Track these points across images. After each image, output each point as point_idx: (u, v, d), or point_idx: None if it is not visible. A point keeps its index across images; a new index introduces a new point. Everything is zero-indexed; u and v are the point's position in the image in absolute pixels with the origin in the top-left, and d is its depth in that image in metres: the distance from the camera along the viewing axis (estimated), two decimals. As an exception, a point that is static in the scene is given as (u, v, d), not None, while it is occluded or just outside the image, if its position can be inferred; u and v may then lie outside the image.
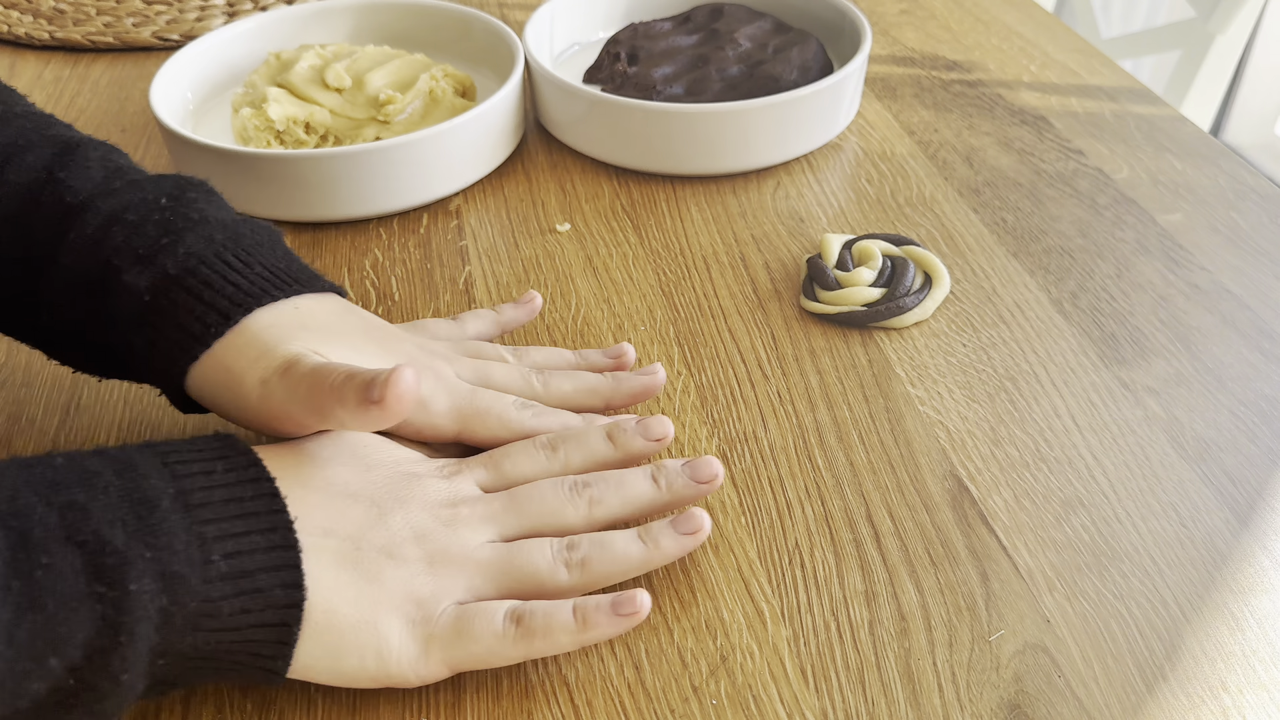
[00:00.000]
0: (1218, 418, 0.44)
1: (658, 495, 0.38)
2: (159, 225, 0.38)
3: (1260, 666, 0.35)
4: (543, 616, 0.34)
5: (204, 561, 0.30)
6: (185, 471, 0.31)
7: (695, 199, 0.59)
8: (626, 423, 0.40)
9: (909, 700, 0.34)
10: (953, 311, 0.50)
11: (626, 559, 0.36)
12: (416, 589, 0.34)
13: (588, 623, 0.34)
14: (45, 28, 0.78)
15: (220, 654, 0.31)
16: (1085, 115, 0.65)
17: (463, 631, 0.34)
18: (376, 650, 0.33)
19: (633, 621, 0.34)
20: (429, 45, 0.70)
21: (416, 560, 0.35)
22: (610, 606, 0.34)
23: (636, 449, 0.40)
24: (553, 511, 0.37)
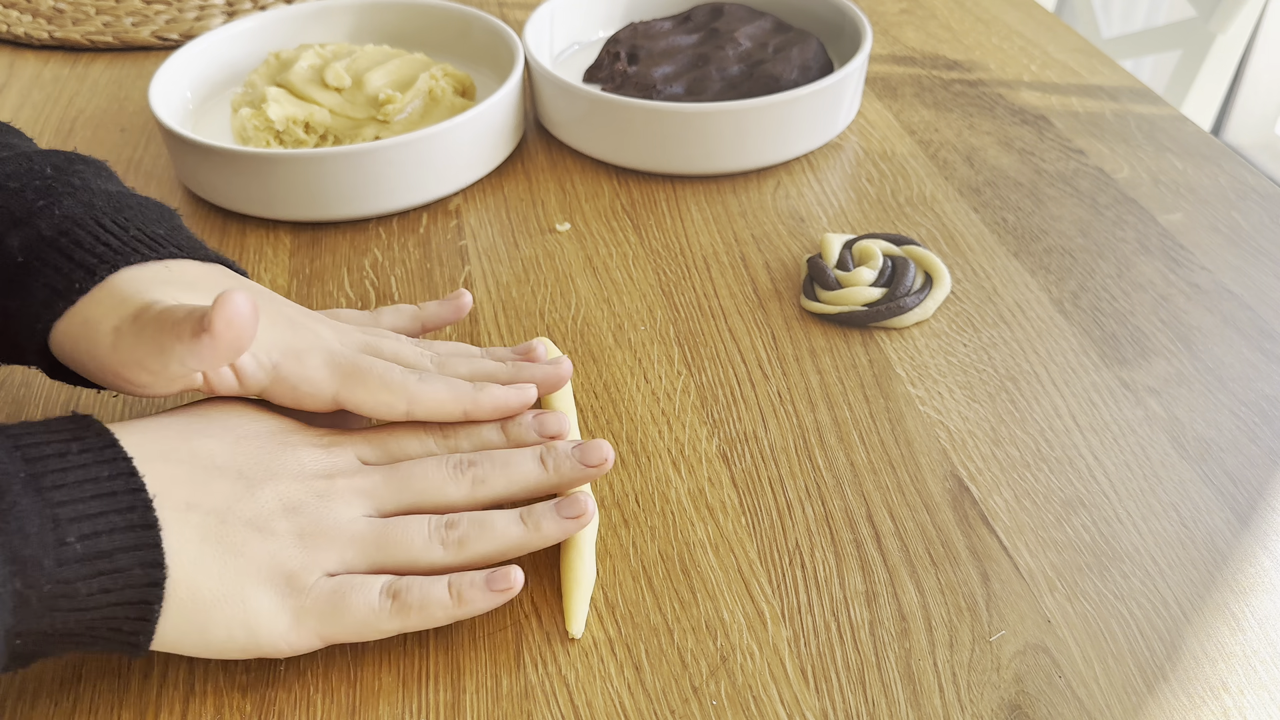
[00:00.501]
0: (1218, 418, 0.44)
1: (544, 477, 0.38)
2: (38, 190, 0.37)
3: (1261, 667, 0.35)
4: (419, 592, 0.34)
5: (58, 544, 0.30)
6: (37, 454, 0.31)
7: (695, 199, 0.59)
8: (523, 418, 0.40)
9: (909, 700, 0.34)
10: (953, 311, 0.50)
11: (505, 539, 0.36)
12: (285, 561, 0.34)
13: (463, 598, 0.34)
14: (45, 27, 0.78)
15: (80, 631, 0.31)
16: (1086, 115, 0.65)
17: (338, 605, 0.34)
18: (244, 623, 0.33)
19: (505, 596, 0.35)
20: (429, 45, 0.70)
21: (286, 534, 0.34)
22: (485, 582, 0.35)
23: (529, 441, 0.39)
24: (435, 488, 0.37)
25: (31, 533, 0.29)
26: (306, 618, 0.34)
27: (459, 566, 0.36)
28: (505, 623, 0.37)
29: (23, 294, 0.36)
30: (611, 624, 0.37)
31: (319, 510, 0.35)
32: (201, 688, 0.35)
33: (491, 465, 0.38)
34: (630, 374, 0.47)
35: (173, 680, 0.36)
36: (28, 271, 0.36)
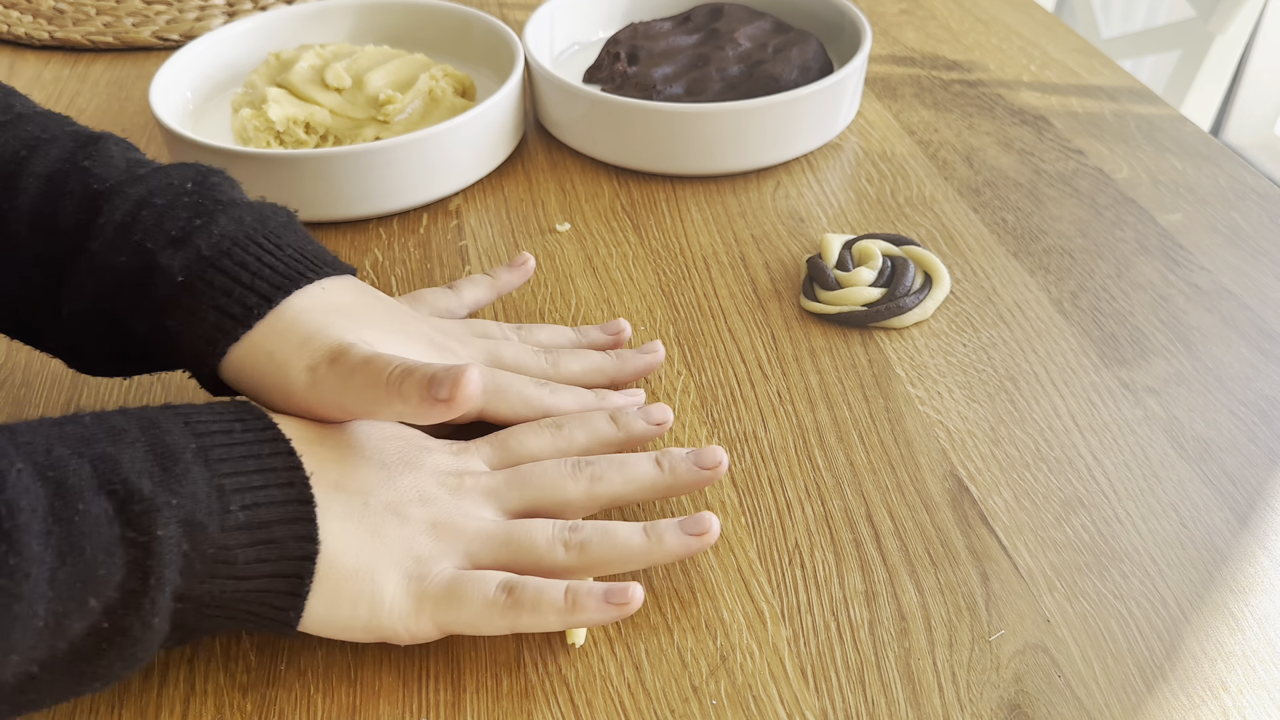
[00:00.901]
0: (1218, 418, 0.44)
1: (660, 477, 0.39)
2: (189, 208, 0.38)
3: (1260, 666, 0.35)
4: (534, 591, 0.34)
5: (223, 510, 0.31)
6: (205, 430, 0.33)
7: (695, 199, 0.59)
8: (630, 407, 0.43)
9: (909, 700, 0.34)
10: (953, 311, 0.50)
11: (627, 548, 0.37)
12: (417, 547, 0.35)
13: (577, 605, 0.34)
14: (45, 28, 0.78)
15: (235, 602, 0.32)
16: (1085, 115, 0.65)
17: (455, 593, 0.34)
18: (370, 600, 0.34)
19: (622, 612, 0.35)
20: (429, 45, 0.70)
21: (420, 520, 0.36)
22: (603, 594, 0.35)
23: (638, 430, 0.41)
24: (554, 485, 0.38)
25: (201, 499, 0.31)
26: (426, 603, 0.34)
27: (580, 570, 0.36)
28: (505, 622, 0.37)
29: (188, 315, 0.37)
30: (611, 624, 0.37)
31: (450, 504, 0.37)
32: (202, 687, 0.35)
33: (609, 464, 0.39)
34: (630, 374, 0.47)
35: (173, 680, 0.36)
36: (191, 292, 0.37)
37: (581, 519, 0.38)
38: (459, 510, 0.37)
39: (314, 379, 0.36)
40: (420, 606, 0.34)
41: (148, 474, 0.30)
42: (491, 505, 0.38)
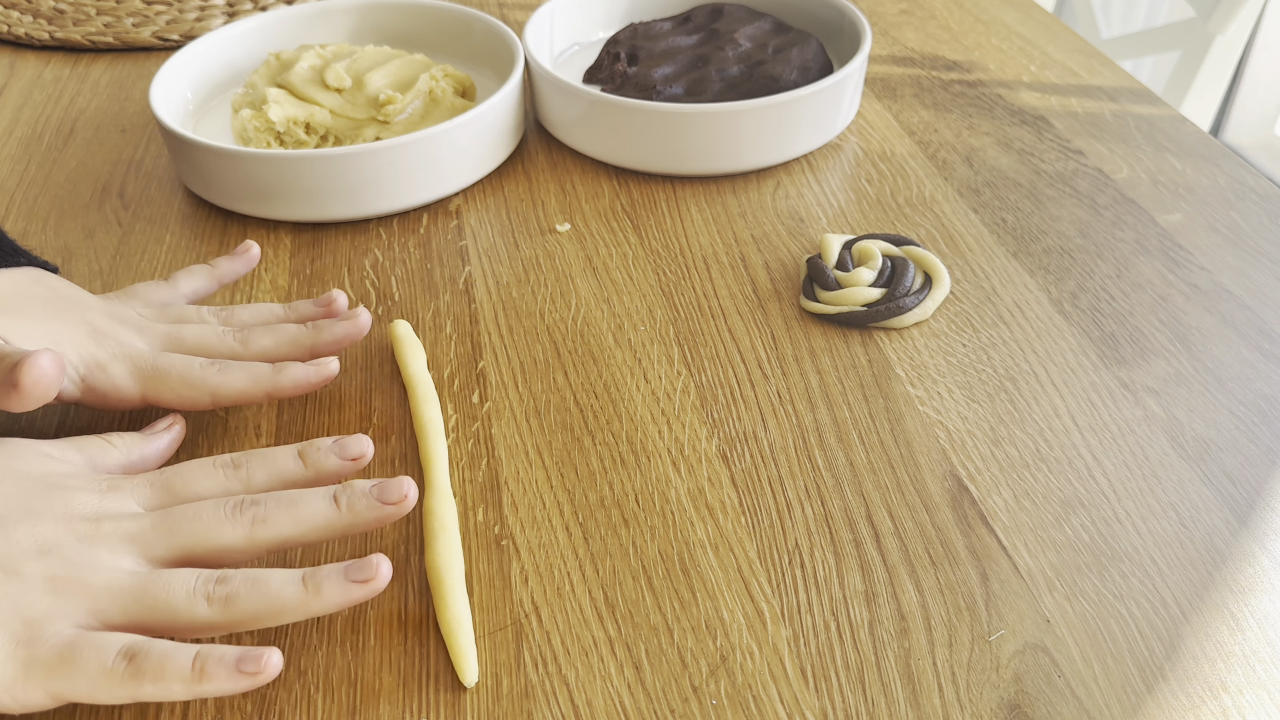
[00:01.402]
0: (1217, 418, 0.44)
1: (336, 517, 0.35)
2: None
3: (1260, 666, 0.35)
4: (158, 658, 0.31)
5: None
6: None
7: (695, 199, 0.59)
8: (321, 441, 0.38)
9: (909, 700, 0.34)
10: (953, 311, 0.50)
11: (279, 600, 0.33)
12: (28, 607, 0.31)
13: (205, 673, 0.31)
14: (45, 28, 0.78)
15: None
16: (1085, 115, 0.65)
17: (68, 660, 0.31)
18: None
19: (255, 681, 0.31)
20: (429, 45, 0.70)
21: (35, 577, 0.32)
22: (235, 661, 0.31)
23: (329, 468, 0.37)
24: (208, 530, 0.34)
25: None
26: (35, 670, 0.31)
27: (226, 626, 0.33)
28: (505, 622, 0.37)
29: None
30: (611, 624, 0.37)
31: (78, 555, 0.33)
32: (202, 687, 0.35)
33: (276, 504, 0.35)
34: (630, 374, 0.47)
35: (173, 680, 0.36)
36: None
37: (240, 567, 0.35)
38: (86, 562, 0.33)
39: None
40: (28, 674, 0.31)
41: None
42: (132, 553, 0.33)
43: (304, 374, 0.41)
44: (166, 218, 0.59)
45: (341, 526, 0.36)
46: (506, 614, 0.37)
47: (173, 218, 0.59)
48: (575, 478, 0.42)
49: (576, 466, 0.43)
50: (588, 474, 0.43)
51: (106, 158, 0.64)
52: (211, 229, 0.58)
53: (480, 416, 0.45)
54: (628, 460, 0.43)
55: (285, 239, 0.57)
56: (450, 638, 0.36)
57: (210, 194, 0.58)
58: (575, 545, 0.40)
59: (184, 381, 0.40)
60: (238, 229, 0.57)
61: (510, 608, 0.38)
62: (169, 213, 0.59)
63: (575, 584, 0.38)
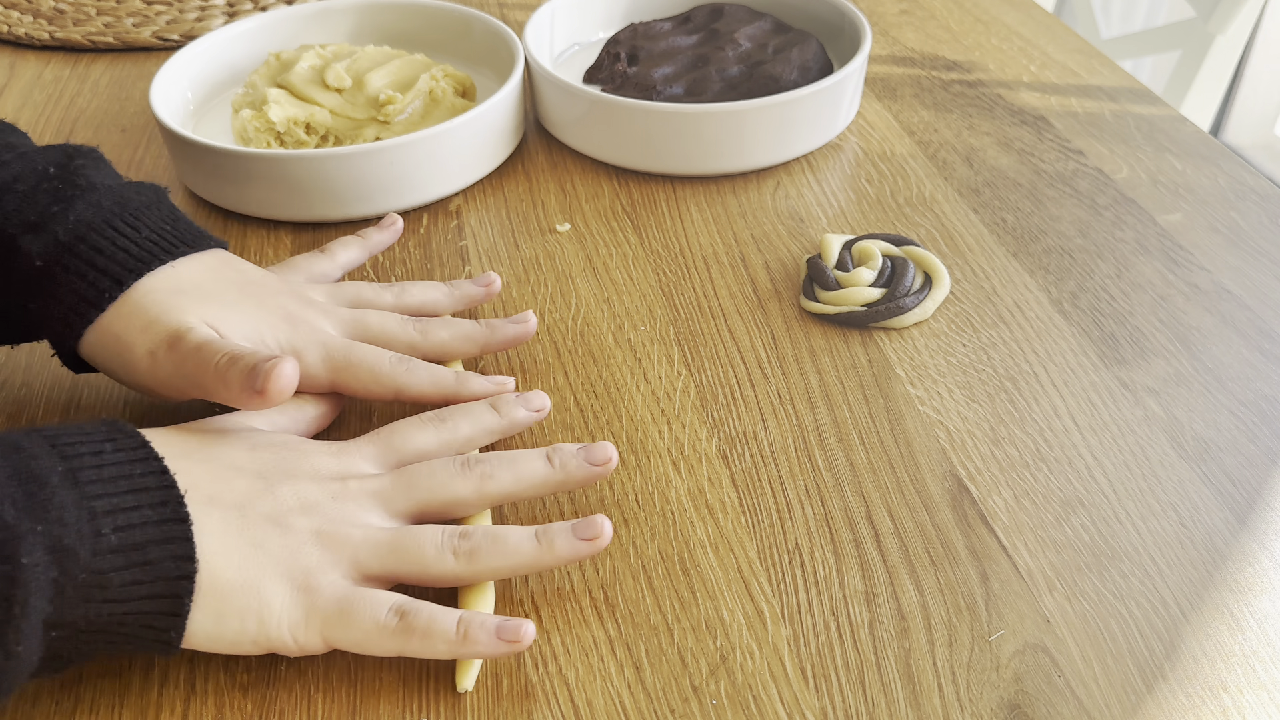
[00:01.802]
0: (1217, 418, 0.44)
1: (550, 474, 0.39)
2: (48, 193, 0.39)
3: (1260, 666, 0.35)
4: (426, 618, 0.34)
5: (94, 535, 0.30)
6: (73, 452, 0.32)
7: (695, 199, 0.59)
8: (509, 396, 0.42)
9: (909, 700, 0.34)
10: (953, 311, 0.50)
11: (517, 554, 0.36)
12: (303, 558, 0.34)
13: (468, 638, 0.34)
14: (45, 28, 0.78)
15: (113, 626, 0.32)
16: (1085, 115, 0.65)
17: (346, 612, 0.34)
18: (258, 614, 0.33)
19: (514, 649, 0.34)
20: (429, 45, 0.70)
21: (304, 530, 0.35)
22: (495, 628, 0.34)
23: (520, 418, 0.41)
24: (442, 485, 0.37)
25: (70, 523, 0.30)
26: (315, 618, 0.34)
27: (470, 578, 0.36)
28: (505, 622, 0.37)
29: (47, 298, 0.39)
30: (611, 623, 0.37)
31: (335, 511, 0.36)
32: (203, 687, 0.35)
33: (499, 463, 0.38)
34: (630, 374, 0.47)
35: (174, 680, 0.36)
36: (49, 277, 0.38)
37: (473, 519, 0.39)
38: (344, 517, 0.36)
39: (154, 363, 0.37)
40: (310, 620, 0.34)
41: (10, 500, 0.29)
42: (379, 509, 0.37)
43: (482, 386, 0.43)
44: (166, 218, 0.59)
45: (555, 483, 0.39)
46: (506, 614, 0.37)
47: (173, 218, 0.59)
48: (575, 478, 0.42)
49: (576, 466, 0.43)
50: (588, 474, 0.43)
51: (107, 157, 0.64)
52: (211, 228, 0.58)
53: (480, 416, 0.45)
54: (628, 460, 0.43)
55: (285, 239, 0.57)
56: None
57: (210, 194, 0.58)
58: (575, 545, 0.40)
59: (373, 377, 0.42)
60: (238, 229, 0.57)
61: (510, 608, 0.38)
62: (169, 213, 0.59)
63: (575, 584, 0.38)
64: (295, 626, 0.34)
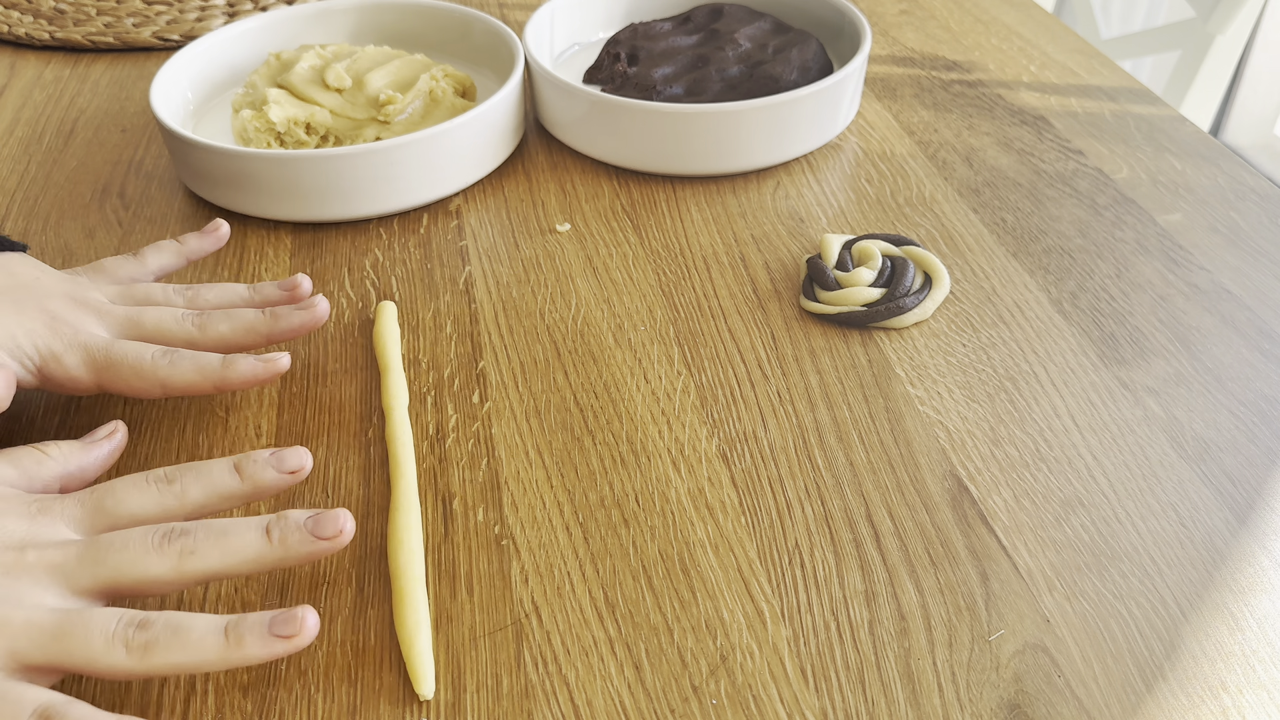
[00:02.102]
0: (1217, 418, 0.44)
1: (267, 551, 0.34)
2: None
3: (1260, 666, 0.35)
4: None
5: None
6: None
7: (695, 199, 0.59)
8: (259, 455, 0.37)
9: (909, 700, 0.34)
10: (952, 311, 0.50)
11: (199, 651, 0.31)
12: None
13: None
14: (45, 28, 0.78)
15: None
16: (1085, 115, 0.65)
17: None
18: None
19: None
20: (429, 45, 0.70)
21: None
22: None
23: (267, 481, 0.36)
24: (133, 562, 0.33)
25: None
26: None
27: (145, 675, 0.32)
28: (505, 622, 0.37)
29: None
30: (611, 623, 0.37)
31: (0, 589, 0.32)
32: (203, 687, 0.35)
33: (206, 535, 0.34)
34: (630, 374, 0.47)
35: (173, 680, 0.36)
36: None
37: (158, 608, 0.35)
38: (8, 597, 0.31)
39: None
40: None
41: None
42: (56, 586, 0.32)
43: (251, 369, 0.41)
44: (166, 218, 0.59)
45: (272, 560, 0.34)
46: (506, 614, 0.37)
47: (173, 218, 0.59)
48: (575, 478, 0.42)
49: (576, 466, 0.43)
50: (588, 474, 0.43)
51: (106, 158, 0.64)
52: (212, 229, 0.58)
53: (480, 416, 0.45)
54: (628, 460, 0.43)
55: (285, 239, 0.57)
56: (406, 646, 0.35)
57: (210, 194, 0.58)
58: (575, 545, 0.40)
59: (134, 373, 0.40)
60: (238, 229, 0.57)
61: (510, 608, 0.38)
62: (169, 213, 0.59)
63: (575, 584, 0.38)
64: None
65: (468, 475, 0.43)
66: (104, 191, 0.61)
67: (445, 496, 0.42)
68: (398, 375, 0.46)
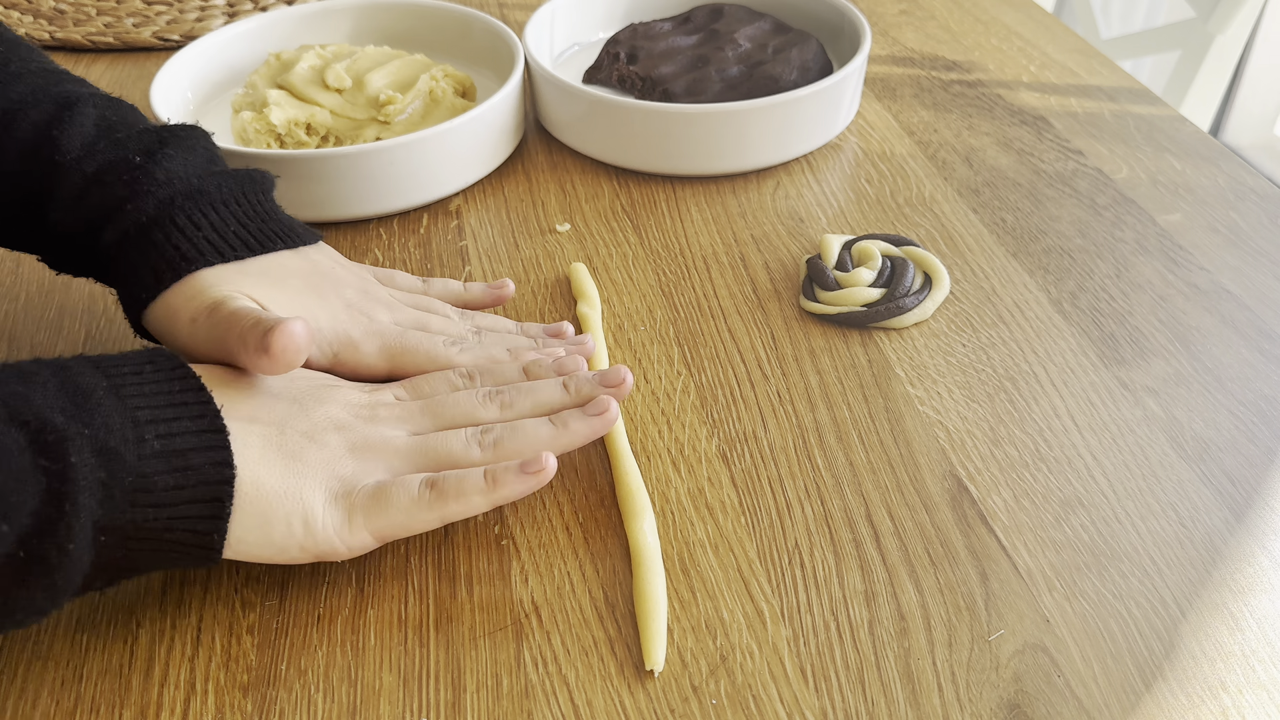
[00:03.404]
0: (1217, 418, 0.44)
1: (566, 399, 0.41)
2: (128, 185, 0.41)
3: (1259, 666, 0.35)
4: (455, 480, 0.37)
5: (138, 440, 0.32)
6: (116, 371, 0.34)
7: (695, 199, 0.59)
8: (542, 360, 0.43)
9: (909, 700, 0.34)
10: (952, 311, 0.50)
11: (536, 437, 0.39)
12: (339, 468, 0.37)
13: (497, 482, 0.37)
14: (45, 28, 0.78)
15: (158, 532, 0.33)
16: (1085, 115, 0.66)
17: (382, 499, 0.36)
18: (303, 517, 0.36)
19: (540, 480, 0.37)
20: (429, 45, 0.70)
21: (338, 445, 0.38)
22: (519, 466, 0.37)
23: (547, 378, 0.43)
24: (466, 413, 0.40)
25: (115, 428, 0.32)
26: (356, 514, 0.36)
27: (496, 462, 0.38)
28: (505, 622, 0.37)
29: (119, 281, 0.42)
30: (611, 624, 0.37)
31: (366, 429, 0.39)
32: (202, 687, 0.35)
33: (518, 392, 0.41)
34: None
35: (173, 680, 0.36)
36: (118, 263, 0.41)
37: None
38: (375, 433, 0.39)
39: (193, 329, 0.39)
40: (351, 518, 0.36)
41: (60, 409, 0.31)
42: (406, 429, 0.40)
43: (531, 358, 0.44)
44: (167, 218, 0.59)
45: (571, 406, 0.41)
46: (506, 614, 0.38)
47: (173, 218, 0.59)
48: (575, 478, 0.42)
49: (576, 466, 0.43)
50: (588, 474, 0.43)
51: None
52: (212, 229, 0.58)
53: (480, 416, 0.45)
54: (628, 460, 0.43)
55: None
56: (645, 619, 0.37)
57: (210, 194, 0.58)
58: (575, 545, 0.40)
59: (428, 358, 0.43)
60: (238, 229, 0.57)
61: (510, 608, 0.38)
62: (169, 213, 0.59)
63: (575, 584, 0.38)
64: (340, 526, 0.36)
65: (468, 475, 0.43)
66: (104, 191, 0.61)
67: (445, 496, 0.42)
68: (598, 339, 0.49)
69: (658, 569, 0.38)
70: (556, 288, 0.53)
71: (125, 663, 0.36)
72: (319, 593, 0.38)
